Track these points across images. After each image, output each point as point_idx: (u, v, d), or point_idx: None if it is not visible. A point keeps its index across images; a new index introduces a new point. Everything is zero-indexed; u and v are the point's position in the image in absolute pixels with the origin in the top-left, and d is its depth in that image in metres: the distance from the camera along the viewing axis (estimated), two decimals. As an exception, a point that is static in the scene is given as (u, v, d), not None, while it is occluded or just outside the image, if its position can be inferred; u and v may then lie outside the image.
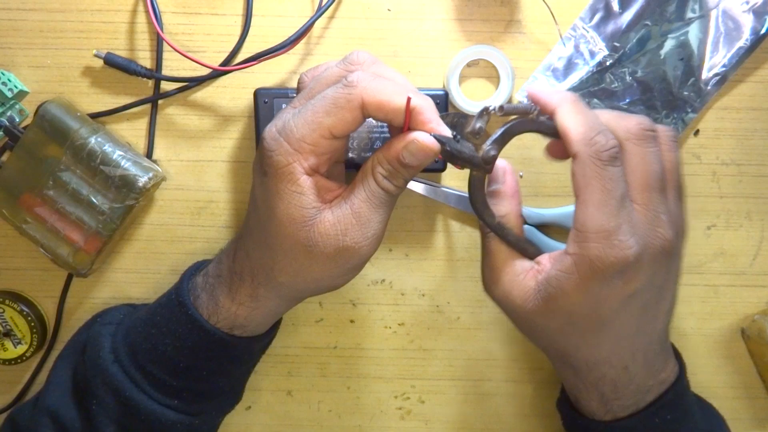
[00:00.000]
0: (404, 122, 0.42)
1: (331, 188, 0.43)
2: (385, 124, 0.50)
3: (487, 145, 0.43)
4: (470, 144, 0.42)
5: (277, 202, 0.42)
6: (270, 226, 0.43)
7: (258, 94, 0.51)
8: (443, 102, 0.51)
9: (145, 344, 0.48)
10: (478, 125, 0.42)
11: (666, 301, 0.45)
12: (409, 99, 0.41)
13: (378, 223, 0.43)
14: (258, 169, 0.44)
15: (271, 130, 0.42)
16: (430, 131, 0.41)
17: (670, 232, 0.42)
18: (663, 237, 0.42)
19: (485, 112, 0.42)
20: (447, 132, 0.42)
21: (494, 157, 0.43)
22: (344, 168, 0.48)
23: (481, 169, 0.43)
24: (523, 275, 0.44)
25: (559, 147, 0.44)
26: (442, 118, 0.42)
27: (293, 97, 0.50)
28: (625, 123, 0.43)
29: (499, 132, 0.43)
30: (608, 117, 0.43)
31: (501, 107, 0.42)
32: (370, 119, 0.42)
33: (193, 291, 0.48)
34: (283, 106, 0.50)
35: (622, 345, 0.44)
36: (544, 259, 0.44)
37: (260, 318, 0.48)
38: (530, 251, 0.45)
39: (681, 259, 0.45)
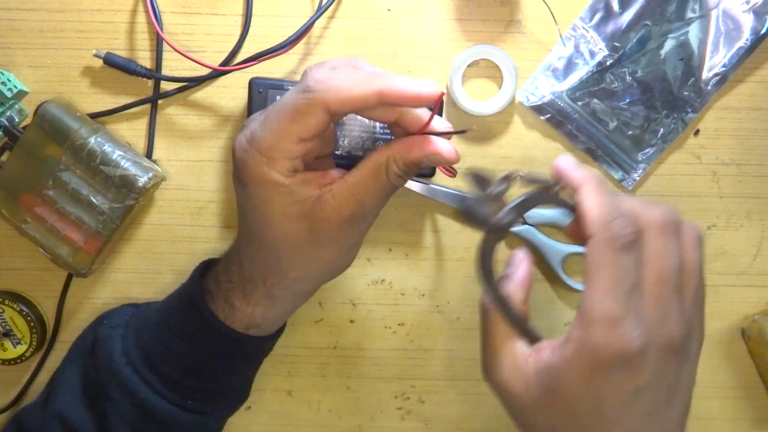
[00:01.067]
0: (432, 111, 0.42)
1: (318, 177, 0.43)
2: (377, 123, 0.50)
3: (504, 212, 0.41)
4: (486, 207, 0.41)
5: (267, 207, 0.42)
6: (267, 230, 0.43)
7: (253, 83, 0.51)
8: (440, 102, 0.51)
9: (159, 346, 0.48)
10: (498, 190, 0.41)
11: (677, 406, 0.41)
12: (441, 94, 0.41)
13: (379, 207, 0.44)
14: (237, 181, 0.44)
15: (241, 142, 0.42)
16: (432, 131, 0.42)
17: (680, 331, 0.40)
18: (670, 334, 0.39)
19: (508, 177, 0.41)
20: (445, 123, 0.43)
21: (510, 224, 0.41)
22: (332, 161, 0.48)
23: (494, 235, 0.42)
24: (524, 360, 0.41)
25: (578, 229, 0.42)
26: (470, 176, 0.41)
27: (289, 90, 0.50)
28: (649, 212, 0.41)
29: (518, 200, 0.42)
30: (633, 204, 0.41)
31: (525, 176, 0.41)
32: (360, 118, 0.42)
33: (206, 294, 0.48)
34: (277, 98, 0.50)
35: None
36: (544, 345, 0.41)
37: (276, 316, 0.48)
38: (531, 334, 0.42)
39: (694, 364, 0.42)
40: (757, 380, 0.57)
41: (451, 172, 0.46)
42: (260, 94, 0.51)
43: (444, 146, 0.42)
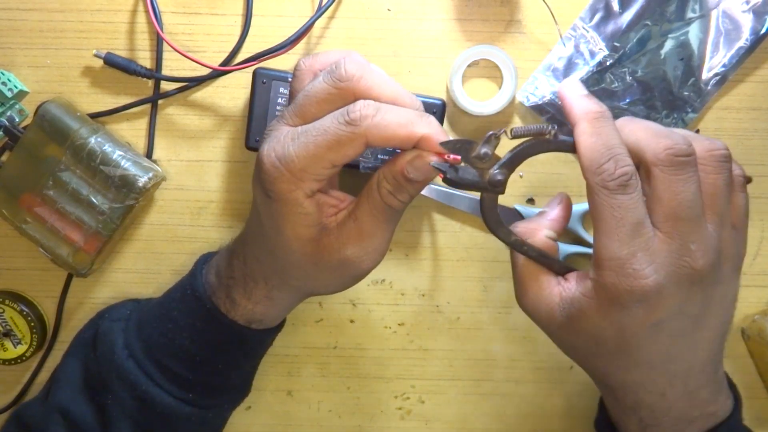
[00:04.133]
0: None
1: (333, 202, 0.44)
2: None
3: (494, 170, 0.42)
4: (473, 170, 0.42)
5: (284, 223, 0.43)
6: (278, 242, 0.44)
7: (257, 73, 0.51)
8: (440, 112, 0.51)
9: (160, 338, 0.49)
10: (483, 150, 0.41)
11: (707, 329, 0.42)
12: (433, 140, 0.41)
13: (380, 237, 0.44)
14: (260, 190, 0.44)
15: (270, 156, 0.42)
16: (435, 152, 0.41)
17: (702, 261, 0.40)
18: (690, 266, 0.39)
19: (492, 137, 0.41)
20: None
21: (501, 182, 0.42)
22: (335, 180, 0.48)
23: (490, 192, 0.42)
24: (549, 290, 0.43)
25: None
26: (445, 145, 0.41)
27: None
28: (655, 146, 0.40)
29: (507, 156, 0.42)
30: (642, 135, 0.41)
31: (511, 131, 0.42)
32: None
33: (208, 288, 0.48)
34: (281, 89, 0.50)
35: (656, 371, 0.43)
36: (572, 276, 0.43)
37: (276, 313, 0.49)
38: (556, 266, 0.44)
39: (729, 287, 0.43)
40: (757, 380, 0.57)
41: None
42: (264, 84, 0.51)
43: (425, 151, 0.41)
